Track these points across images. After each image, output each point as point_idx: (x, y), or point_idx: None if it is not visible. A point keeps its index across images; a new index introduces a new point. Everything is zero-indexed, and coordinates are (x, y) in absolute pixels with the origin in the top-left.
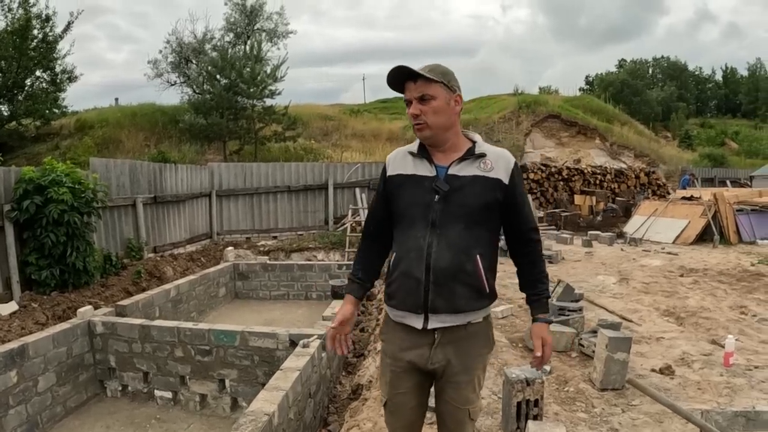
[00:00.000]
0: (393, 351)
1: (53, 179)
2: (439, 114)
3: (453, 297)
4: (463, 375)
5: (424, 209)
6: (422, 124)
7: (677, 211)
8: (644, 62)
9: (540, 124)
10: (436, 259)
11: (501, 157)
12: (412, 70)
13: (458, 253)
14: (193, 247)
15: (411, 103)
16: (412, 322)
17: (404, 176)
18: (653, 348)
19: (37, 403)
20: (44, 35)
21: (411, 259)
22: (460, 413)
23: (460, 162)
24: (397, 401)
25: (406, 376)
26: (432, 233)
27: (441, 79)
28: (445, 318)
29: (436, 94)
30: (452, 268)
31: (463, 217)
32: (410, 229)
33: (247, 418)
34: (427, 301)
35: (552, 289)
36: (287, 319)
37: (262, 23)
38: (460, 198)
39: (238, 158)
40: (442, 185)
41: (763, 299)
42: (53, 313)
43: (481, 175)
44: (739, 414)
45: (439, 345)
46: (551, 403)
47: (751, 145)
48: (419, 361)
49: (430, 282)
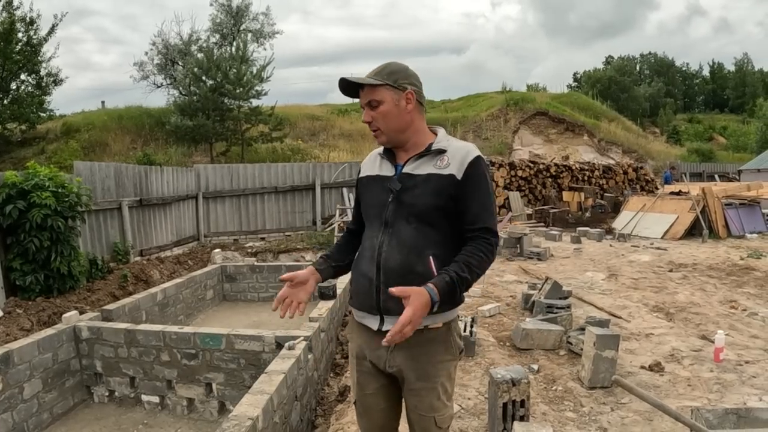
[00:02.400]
0: (357, 351)
1: (36, 183)
2: (388, 118)
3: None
4: (423, 381)
5: (379, 209)
6: (376, 130)
7: (666, 206)
8: (632, 59)
9: (528, 122)
10: (386, 258)
11: (459, 152)
12: (351, 81)
13: (408, 253)
14: (180, 249)
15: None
16: (369, 322)
17: (370, 177)
18: (642, 344)
19: (24, 410)
20: (29, 38)
21: (365, 258)
22: (424, 421)
23: (417, 159)
24: (365, 402)
25: (371, 378)
26: (384, 233)
27: (386, 81)
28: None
29: (383, 98)
30: (401, 269)
31: (415, 216)
32: (368, 229)
33: (230, 423)
34: (379, 302)
35: (540, 287)
36: (275, 321)
37: (248, 24)
38: (410, 197)
39: (225, 160)
40: (394, 184)
41: (752, 293)
42: (38, 318)
43: (435, 173)
44: (729, 411)
45: (396, 348)
46: (539, 402)
47: (738, 140)
48: (378, 363)
49: (381, 282)
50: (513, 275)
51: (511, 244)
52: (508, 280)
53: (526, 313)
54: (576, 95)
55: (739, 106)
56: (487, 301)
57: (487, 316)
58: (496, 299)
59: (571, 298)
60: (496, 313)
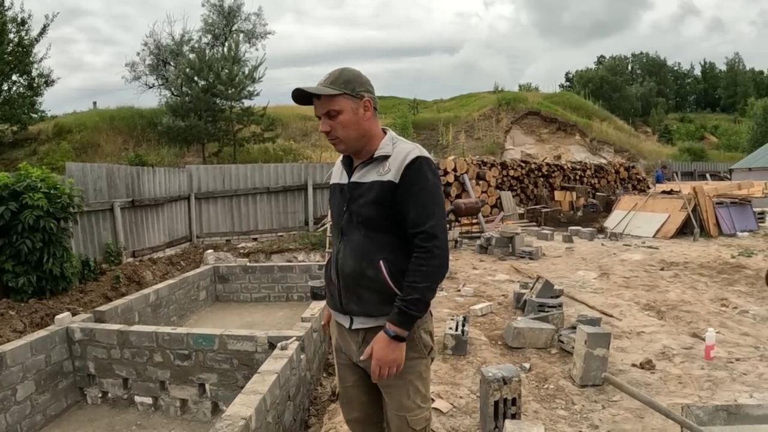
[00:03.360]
0: (335, 344)
1: (28, 185)
2: (348, 127)
3: (361, 301)
4: (395, 379)
5: (338, 217)
6: (336, 139)
7: (657, 205)
8: (623, 58)
9: (520, 121)
10: (342, 264)
11: (400, 155)
12: (306, 91)
13: (359, 259)
14: (173, 250)
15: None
16: (341, 320)
17: (334, 185)
18: (634, 342)
19: (17, 413)
20: (20, 39)
21: (330, 263)
22: (397, 419)
23: (363, 167)
24: (347, 394)
25: (349, 371)
26: (342, 240)
27: (344, 90)
28: (364, 320)
29: (342, 108)
30: (354, 274)
31: (362, 224)
32: (333, 236)
33: (223, 423)
34: (342, 304)
35: (531, 286)
36: (268, 321)
37: (240, 24)
38: (357, 206)
39: (217, 160)
40: (345, 194)
41: (743, 291)
42: (31, 320)
43: (377, 180)
44: (720, 408)
45: (364, 343)
46: (530, 400)
47: (730, 139)
48: (353, 358)
49: (341, 286)
50: (505, 274)
51: (503, 243)
52: (500, 280)
53: (517, 312)
54: (568, 95)
55: (730, 105)
56: (479, 301)
57: (479, 315)
58: (488, 298)
59: (563, 296)
60: (488, 312)
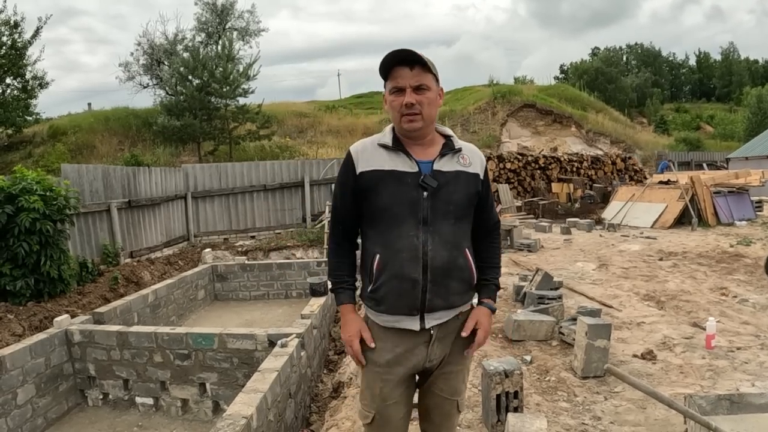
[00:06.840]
0: (387, 359)
1: (24, 187)
2: (432, 105)
3: (448, 294)
4: (456, 365)
5: (411, 207)
6: (417, 114)
7: (654, 195)
8: (618, 49)
9: (516, 114)
10: (433, 257)
11: (474, 153)
12: (416, 54)
13: (451, 249)
14: (170, 250)
15: (401, 91)
16: (407, 324)
17: (382, 172)
18: (634, 333)
19: (18, 416)
20: (13, 42)
21: (403, 260)
22: (448, 405)
23: (442, 157)
24: (386, 414)
25: (397, 388)
26: (425, 231)
27: (434, 71)
28: (441, 315)
29: (431, 86)
30: (447, 265)
31: (452, 212)
32: (396, 228)
33: (225, 422)
34: (424, 302)
35: (531, 278)
36: (267, 319)
37: (234, 22)
38: (446, 194)
39: (213, 159)
40: (431, 181)
41: (743, 280)
42: (30, 323)
43: (463, 171)
44: (722, 398)
45: (437, 340)
46: (532, 393)
47: (726, 128)
48: (417, 362)
49: (428, 281)
50: (504, 267)
51: (502, 236)
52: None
53: (517, 305)
54: (563, 87)
55: (725, 94)
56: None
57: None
58: None
59: (562, 288)
60: None
